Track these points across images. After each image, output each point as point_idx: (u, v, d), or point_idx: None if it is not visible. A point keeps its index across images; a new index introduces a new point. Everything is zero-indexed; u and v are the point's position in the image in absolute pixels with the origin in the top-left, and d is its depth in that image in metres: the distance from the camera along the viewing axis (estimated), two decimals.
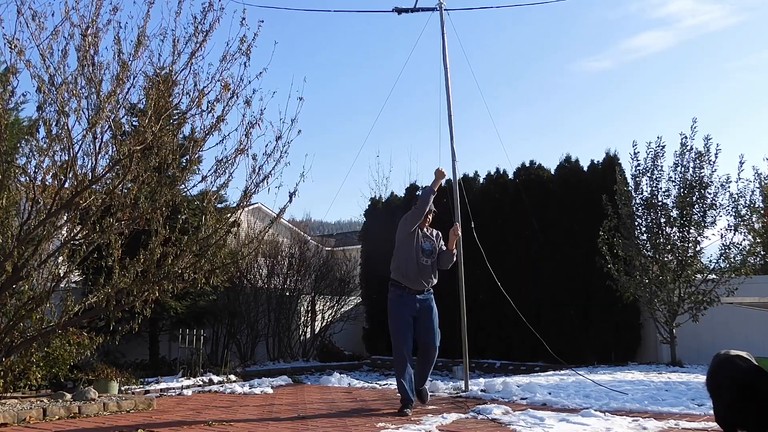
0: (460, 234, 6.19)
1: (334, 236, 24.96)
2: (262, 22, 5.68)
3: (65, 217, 5.62)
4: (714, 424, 4.64)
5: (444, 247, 6.06)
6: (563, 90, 69.64)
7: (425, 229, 6.03)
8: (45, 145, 5.20)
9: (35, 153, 5.32)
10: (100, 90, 5.16)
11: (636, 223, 10.27)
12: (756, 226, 11.71)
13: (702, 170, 9.87)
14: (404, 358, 5.63)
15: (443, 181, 6.17)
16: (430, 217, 6.04)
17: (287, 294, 12.41)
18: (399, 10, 8.02)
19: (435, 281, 5.95)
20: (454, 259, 6.09)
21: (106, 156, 5.37)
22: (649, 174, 10.22)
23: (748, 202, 10.04)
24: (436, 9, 7.81)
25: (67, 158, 5.12)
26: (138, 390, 7.44)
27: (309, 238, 16.03)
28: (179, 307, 9.03)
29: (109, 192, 5.47)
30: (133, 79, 5.33)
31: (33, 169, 5.30)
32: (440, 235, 6.15)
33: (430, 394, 7.03)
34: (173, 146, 5.70)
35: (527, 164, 11.97)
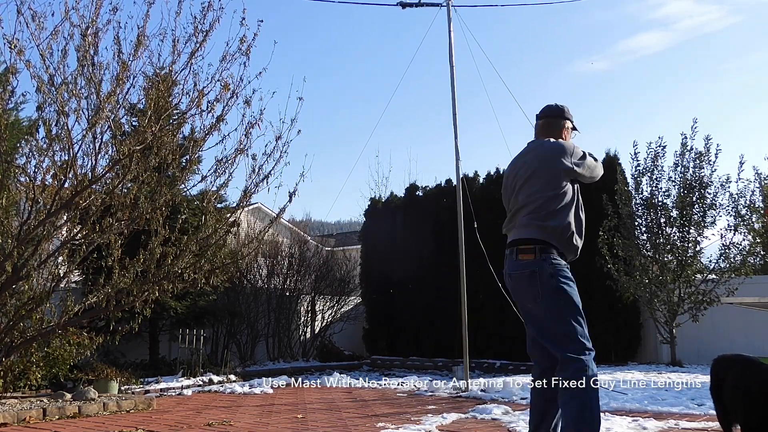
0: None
1: (334, 236, 24.92)
2: (262, 21, 5.68)
3: (65, 217, 5.62)
4: (714, 424, 4.64)
5: None
6: (561, 90, 69.69)
7: None
8: (45, 145, 5.19)
9: (35, 153, 5.31)
10: (100, 90, 5.16)
11: (636, 223, 10.29)
12: (756, 226, 11.69)
13: (702, 170, 9.90)
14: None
15: None
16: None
17: (287, 294, 12.40)
18: (403, 5, 7.96)
19: None
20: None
21: (106, 156, 5.37)
22: (649, 174, 10.23)
23: (748, 202, 10.06)
24: (441, 5, 7.78)
25: (67, 158, 5.12)
26: (138, 390, 7.44)
27: (309, 238, 16.04)
28: (179, 307, 9.03)
29: (109, 192, 5.47)
30: (133, 79, 5.33)
31: (33, 169, 5.30)
32: None
33: (429, 393, 6.87)
34: (173, 146, 5.70)
35: None
